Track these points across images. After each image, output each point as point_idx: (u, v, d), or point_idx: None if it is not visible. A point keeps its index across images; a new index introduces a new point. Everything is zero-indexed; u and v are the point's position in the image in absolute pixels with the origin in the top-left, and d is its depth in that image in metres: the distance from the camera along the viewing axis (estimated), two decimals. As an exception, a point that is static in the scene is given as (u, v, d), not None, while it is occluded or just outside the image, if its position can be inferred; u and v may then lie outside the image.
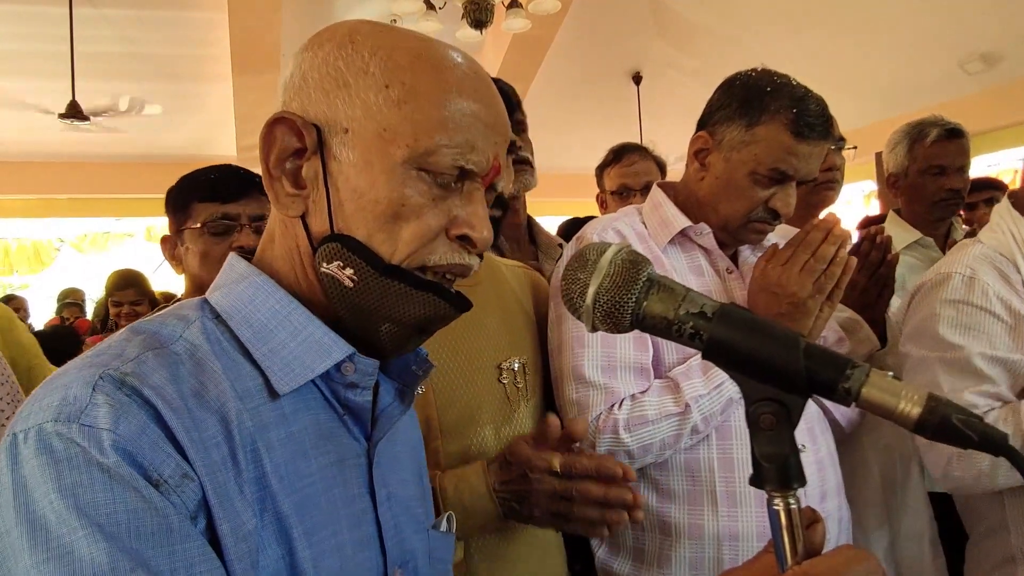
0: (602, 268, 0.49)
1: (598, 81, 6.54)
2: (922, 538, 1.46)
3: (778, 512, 0.43)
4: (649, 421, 1.09)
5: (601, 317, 0.49)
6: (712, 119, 1.21)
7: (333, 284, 0.59)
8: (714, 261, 1.25)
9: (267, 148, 0.60)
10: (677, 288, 0.48)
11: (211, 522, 0.50)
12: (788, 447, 0.44)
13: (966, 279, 1.21)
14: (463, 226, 0.60)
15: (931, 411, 0.40)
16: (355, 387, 0.61)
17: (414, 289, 0.59)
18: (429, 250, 0.59)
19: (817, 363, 0.43)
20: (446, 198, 0.60)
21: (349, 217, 0.59)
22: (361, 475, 0.63)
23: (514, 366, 1.11)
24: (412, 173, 0.58)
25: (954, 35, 5.14)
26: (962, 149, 2.08)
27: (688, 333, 0.47)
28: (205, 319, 0.59)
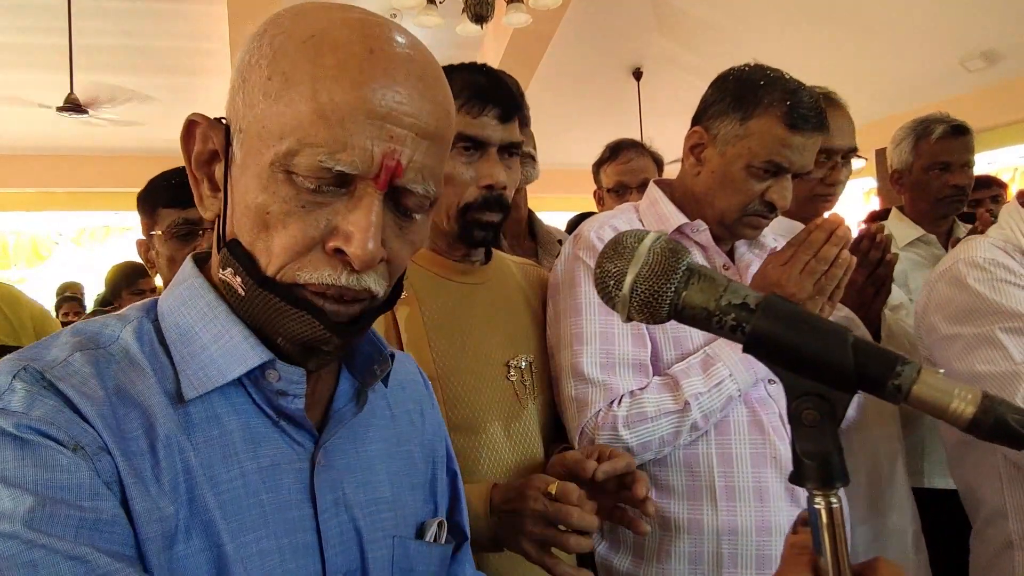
0: (640, 256, 0.46)
1: (599, 76, 6.53)
2: (905, 534, 1.47)
3: (819, 511, 0.42)
4: (648, 418, 1.09)
5: (638, 307, 0.47)
6: (706, 114, 1.22)
7: (229, 291, 0.58)
8: (711, 258, 1.25)
9: (186, 149, 0.60)
10: (718, 278, 0.46)
11: (125, 498, 0.50)
12: (832, 444, 0.42)
13: (989, 260, 1.21)
14: (338, 238, 0.53)
15: (986, 410, 0.39)
16: (284, 394, 0.58)
17: (287, 305, 0.55)
18: (299, 265, 0.54)
19: (866, 359, 0.42)
20: (326, 205, 0.53)
21: (238, 222, 0.56)
22: (301, 481, 0.60)
23: (522, 364, 1.12)
24: (279, 177, 0.52)
25: (955, 33, 5.13)
26: (967, 146, 2.07)
27: (729, 325, 0.45)
28: (145, 320, 0.59)
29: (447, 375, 1.03)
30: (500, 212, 1.08)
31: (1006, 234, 1.27)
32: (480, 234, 1.08)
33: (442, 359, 1.03)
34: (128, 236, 8.49)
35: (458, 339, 1.06)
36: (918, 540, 1.48)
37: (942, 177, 2.06)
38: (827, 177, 1.54)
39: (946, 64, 5.40)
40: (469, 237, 1.08)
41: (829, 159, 1.54)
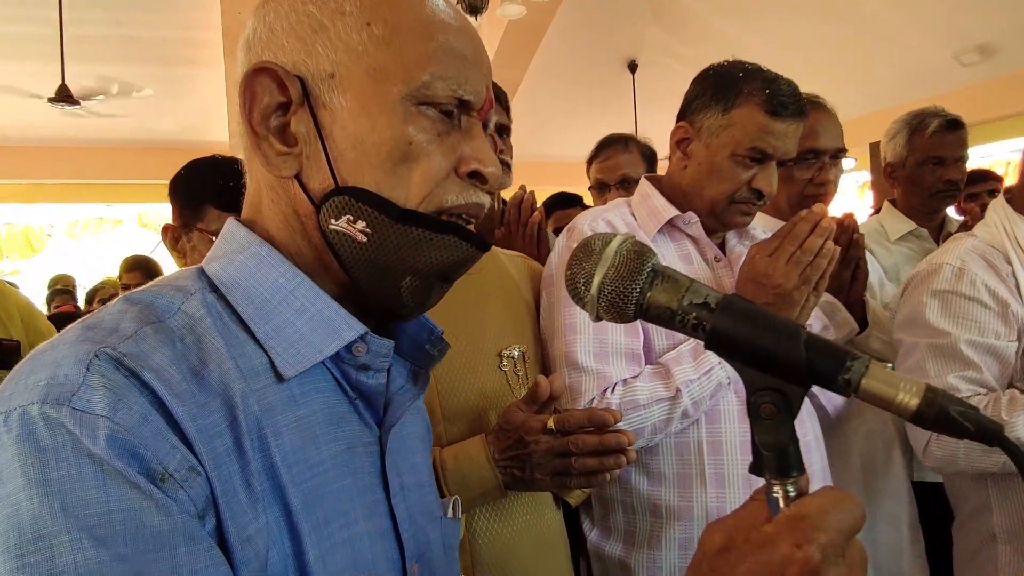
0: (607, 258, 0.49)
1: (593, 69, 6.52)
2: (901, 522, 1.49)
3: (777, 499, 0.43)
4: (640, 405, 1.10)
5: (605, 307, 0.49)
6: (690, 109, 1.25)
7: (344, 242, 0.55)
8: (702, 250, 1.27)
9: (249, 105, 0.55)
10: (681, 279, 0.48)
11: (219, 521, 0.45)
12: (788, 436, 0.44)
13: (956, 270, 1.23)
14: (472, 162, 0.57)
15: (929, 402, 0.41)
16: (367, 369, 0.57)
17: (434, 233, 0.55)
18: (443, 191, 0.56)
19: (818, 354, 0.43)
20: (450, 135, 0.56)
21: (352, 167, 0.54)
22: (373, 463, 0.59)
23: (514, 354, 1.13)
24: (413, 110, 0.54)
25: (950, 26, 5.14)
26: (961, 141, 2.06)
27: (691, 323, 0.47)
28: (205, 291, 0.54)
29: (441, 364, 1.02)
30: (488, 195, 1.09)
31: (991, 233, 1.29)
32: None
33: None
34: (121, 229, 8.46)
35: (451, 328, 1.06)
36: (914, 529, 1.50)
37: (936, 172, 2.05)
38: (815, 177, 1.56)
39: (940, 58, 5.41)
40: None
41: (817, 159, 1.56)
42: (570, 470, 0.92)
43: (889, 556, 1.48)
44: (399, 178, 0.54)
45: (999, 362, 1.17)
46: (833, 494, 0.41)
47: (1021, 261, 1.22)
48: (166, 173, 1.45)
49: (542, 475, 0.94)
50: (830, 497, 0.41)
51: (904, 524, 1.49)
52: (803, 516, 0.40)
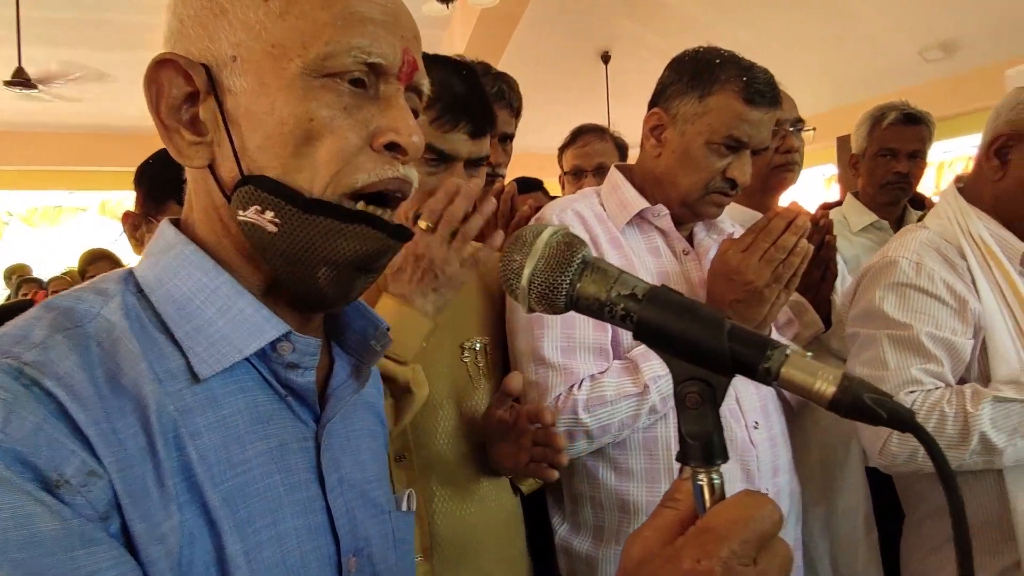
0: (537, 250, 0.49)
1: (567, 59, 6.51)
2: (857, 514, 1.52)
3: (702, 487, 0.45)
4: (608, 401, 1.10)
5: (536, 298, 0.49)
6: (664, 95, 1.23)
7: (255, 232, 0.53)
8: (671, 242, 1.27)
9: (155, 98, 0.54)
10: (610, 270, 0.49)
11: (124, 522, 0.45)
12: (712, 425, 0.45)
13: (914, 264, 1.24)
14: (387, 133, 0.54)
15: (844, 390, 0.42)
16: (295, 367, 0.56)
17: (343, 223, 0.53)
18: (354, 168, 0.53)
19: (740, 344, 0.44)
20: (361, 107, 0.54)
21: (257, 153, 0.52)
22: (308, 459, 0.58)
23: (476, 346, 1.13)
24: (315, 83, 0.52)
25: (914, 23, 5.24)
26: (918, 135, 2.11)
27: (619, 314, 0.47)
28: (127, 293, 0.53)
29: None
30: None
31: (944, 226, 1.30)
32: None
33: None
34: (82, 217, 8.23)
35: None
36: (869, 521, 1.53)
37: (888, 163, 2.10)
38: (781, 146, 1.59)
39: (906, 54, 5.52)
40: None
41: (779, 127, 1.59)
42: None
43: (846, 548, 1.51)
44: (305, 160, 0.52)
45: (954, 358, 1.19)
46: (746, 501, 0.42)
47: (975, 255, 1.24)
48: (131, 160, 1.41)
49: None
50: (741, 506, 0.42)
51: (860, 516, 1.52)
52: (709, 529, 0.41)
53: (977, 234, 1.25)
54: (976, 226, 1.26)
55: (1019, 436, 1.09)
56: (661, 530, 0.44)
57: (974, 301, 1.20)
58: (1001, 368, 1.17)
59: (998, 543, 1.17)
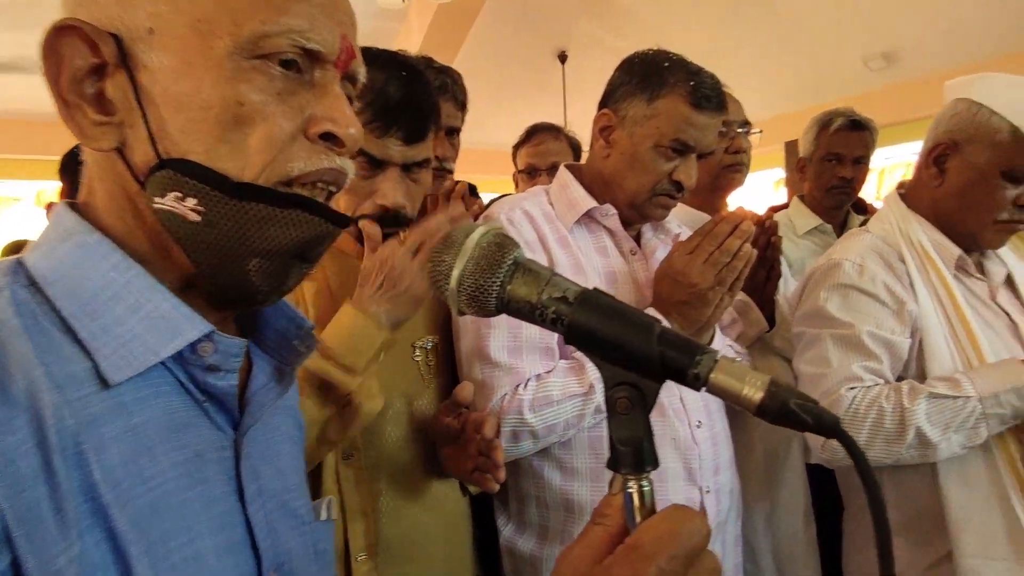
0: (467, 250, 0.47)
1: (524, 58, 6.51)
2: (797, 509, 1.57)
3: (632, 495, 0.44)
4: (554, 401, 1.10)
5: (466, 301, 0.47)
6: (614, 96, 1.24)
7: (174, 222, 0.48)
8: (619, 242, 1.28)
9: (54, 70, 0.48)
10: (542, 272, 0.47)
11: (16, 558, 0.39)
12: (642, 431, 0.44)
13: (856, 266, 1.28)
14: (323, 122, 0.50)
15: (772, 396, 0.42)
16: (216, 370, 0.51)
17: (278, 208, 0.49)
18: (288, 157, 0.49)
19: (670, 348, 0.44)
20: (295, 93, 0.50)
21: (177, 135, 0.47)
22: (226, 470, 0.53)
23: (427, 345, 1.12)
24: (245, 65, 0.47)
25: (858, 33, 5.42)
26: (862, 141, 2.18)
27: (550, 318, 0.46)
28: (16, 287, 0.47)
29: None
30: (397, 225, 1.05)
31: (886, 231, 1.34)
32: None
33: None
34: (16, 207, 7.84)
35: None
36: (808, 515, 1.58)
37: (833, 168, 2.17)
38: (730, 147, 1.62)
39: (850, 63, 5.70)
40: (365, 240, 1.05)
41: (727, 129, 1.62)
42: None
43: (787, 541, 1.55)
44: (233, 146, 0.48)
45: (893, 356, 1.23)
46: (674, 515, 0.41)
47: (914, 259, 1.28)
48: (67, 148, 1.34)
49: None
50: (669, 521, 0.41)
51: (800, 511, 1.57)
52: (637, 546, 0.40)
53: (916, 239, 1.29)
54: (916, 231, 1.30)
55: (952, 431, 1.12)
56: (591, 548, 0.43)
57: (912, 303, 1.24)
58: (936, 367, 1.21)
59: (931, 535, 1.21)
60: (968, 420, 1.12)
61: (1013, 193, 1.23)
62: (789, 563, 1.54)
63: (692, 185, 1.22)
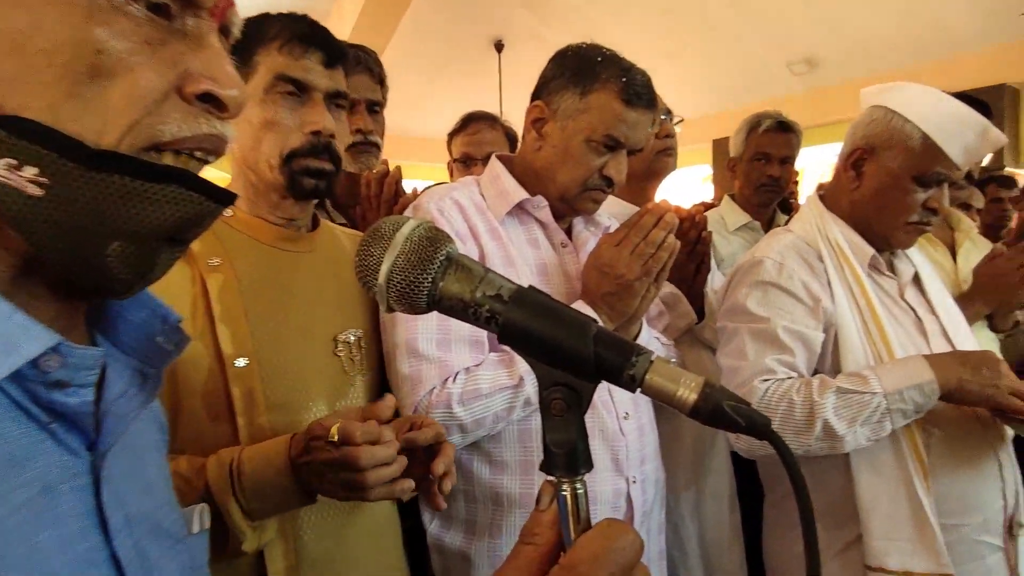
0: (397, 244, 0.45)
1: (459, 46, 6.44)
2: (723, 496, 1.62)
3: (566, 497, 0.43)
4: (483, 395, 1.08)
5: (396, 297, 0.45)
6: (547, 89, 1.24)
7: (7, 196, 0.38)
8: (550, 234, 1.28)
9: None
10: (476, 269, 0.46)
11: None
12: (577, 433, 0.44)
13: (776, 264, 1.32)
14: (202, 80, 0.42)
15: (705, 397, 0.42)
16: (64, 386, 0.41)
17: (147, 182, 0.40)
18: (158, 118, 0.41)
19: (605, 349, 0.43)
20: (166, 43, 0.41)
21: (7, 88, 0.37)
22: (84, 501, 0.43)
23: (350, 338, 1.06)
24: (103, 3, 0.39)
25: (783, 39, 5.65)
26: (788, 142, 2.30)
27: (484, 316, 0.45)
28: None
29: (266, 349, 0.95)
30: (330, 161, 1.01)
31: (806, 230, 1.40)
32: (311, 182, 0.99)
33: (261, 332, 0.95)
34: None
35: (280, 310, 0.98)
36: (733, 502, 1.63)
37: (762, 167, 2.29)
38: (660, 132, 1.66)
39: (775, 66, 5.93)
40: (298, 187, 0.99)
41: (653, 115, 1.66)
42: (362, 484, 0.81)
43: (713, 527, 1.60)
44: (88, 103, 0.38)
45: (808, 350, 1.29)
46: (607, 532, 0.41)
47: (831, 258, 1.34)
48: None
49: (331, 487, 0.83)
50: (603, 538, 0.40)
51: (725, 498, 1.62)
52: (572, 567, 0.40)
53: (834, 239, 1.35)
54: (833, 231, 1.36)
55: (858, 425, 1.18)
56: (522, 570, 0.42)
57: (827, 300, 1.30)
58: (849, 361, 1.27)
59: (844, 519, 1.27)
60: (873, 415, 1.17)
61: (923, 196, 1.30)
62: (714, 548, 1.59)
63: (622, 181, 1.23)
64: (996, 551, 1.27)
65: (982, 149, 1.27)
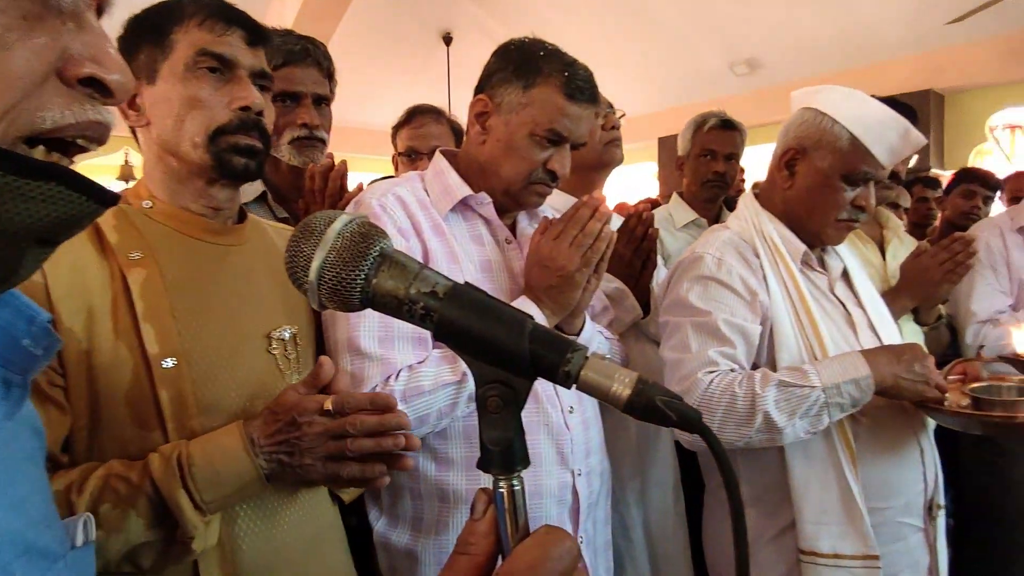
0: (328, 240, 0.44)
1: (407, 37, 6.37)
2: (667, 485, 1.66)
3: (503, 495, 0.44)
4: (426, 391, 1.08)
5: (328, 294, 0.44)
6: (490, 82, 1.24)
7: None
8: (494, 231, 1.28)
9: None
10: (411, 265, 0.45)
11: None
12: (513, 430, 0.44)
13: (716, 259, 1.36)
14: (85, 63, 0.39)
15: (639, 393, 0.43)
16: None
17: (26, 179, 0.37)
18: (36, 104, 0.38)
19: (541, 347, 0.44)
20: (43, 19, 0.38)
21: None
22: None
23: (285, 335, 1.01)
24: None
25: (725, 40, 5.79)
26: (732, 140, 2.39)
27: (419, 313, 0.44)
28: None
29: (194, 349, 0.90)
30: (260, 139, 0.97)
31: (742, 226, 1.44)
32: (240, 161, 0.94)
33: (188, 330, 0.90)
34: None
35: (208, 307, 0.94)
36: (677, 491, 1.68)
37: (708, 164, 2.37)
38: (606, 123, 1.69)
39: (718, 67, 6.08)
40: (227, 167, 0.94)
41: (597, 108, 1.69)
42: (344, 453, 0.86)
43: (658, 516, 1.64)
44: None
45: (747, 343, 1.33)
46: (544, 540, 0.41)
47: (766, 254, 1.38)
48: None
49: (312, 460, 0.85)
50: (539, 547, 0.41)
51: (670, 487, 1.66)
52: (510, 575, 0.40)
53: (768, 235, 1.40)
54: (768, 228, 1.41)
55: (797, 418, 1.22)
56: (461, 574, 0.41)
57: (763, 294, 1.34)
58: (784, 353, 1.31)
59: (778, 505, 1.32)
60: (812, 408, 1.22)
61: (851, 195, 1.35)
62: (659, 535, 1.63)
63: (566, 175, 1.24)
64: (917, 531, 1.34)
65: (904, 149, 1.33)
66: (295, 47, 1.51)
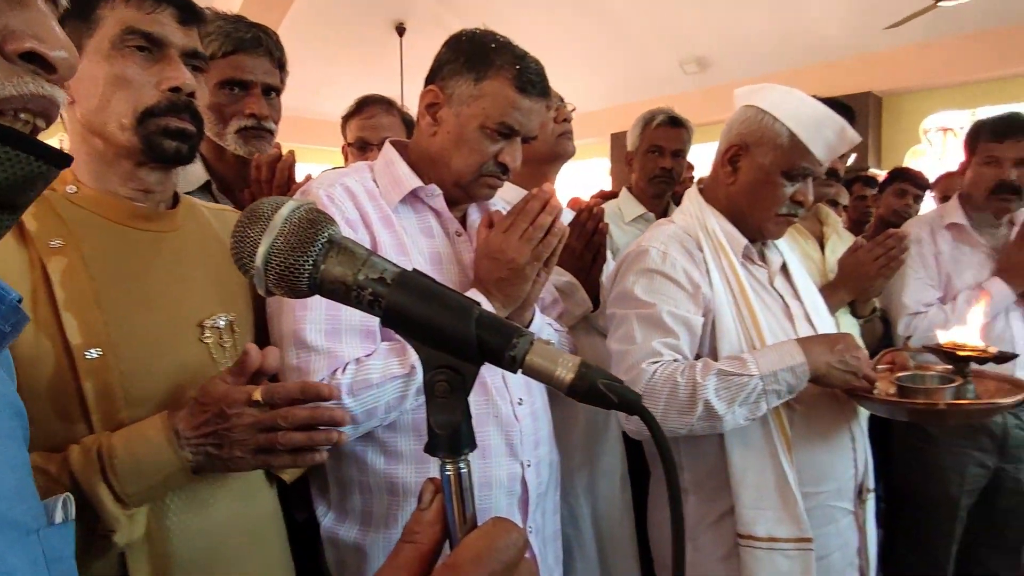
0: (275, 226, 0.44)
1: (359, 26, 6.27)
2: (615, 474, 1.70)
3: (450, 477, 0.44)
4: (373, 385, 1.07)
5: (275, 280, 0.44)
6: (441, 73, 1.23)
7: None
8: (444, 223, 1.27)
9: None
10: (359, 251, 0.46)
11: None
12: (460, 414, 0.45)
13: (660, 253, 1.39)
14: (25, 38, 0.40)
15: (581, 376, 0.44)
16: None
17: None
18: None
19: (487, 332, 0.44)
20: None
21: None
22: None
23: (219, 323, 0.99)
24: None
25: (675, 39, 5.90)
26: (680, 137, 2.45)
27: (367, 299, 0.45)
28: None
29: (122, 339, 0.87)
30: (192, 122, 0.94)
31: (686, 220, 1.48)
32: (171, 144, 0.92)
33: (116, 320, 0.87)
34: None
35: (137, 296, 0.91)
36: (624, 480, 1.71)
37: (655, 159, 2.43)
38: (557, 116, 1.70)
39: (668, 65, 6.18)
40: (157, 150, 0.91)
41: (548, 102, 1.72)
42: (275, 446, 0.84)
43: (606, 505, 1.68)
44: None
45: (691, 334, 1.36)
46: (491, 531, 0.42)
47: (709, 248, 1.42)
48: None
49: (242, 452, 0.84)
50: (486, 538, 0.41)
51: (617, 476, 1.70)
52: (455, 567, 0.40)
53: (712, 229, 1.44)
54: (711, 222, 1.45)
55: (737, 405, 1.27)
56: (402, 569, 0.42)
57: (706, 287, 1.38)
58: (725, 344, 1.35)
59: (718, 492, 1.36)
60: (751, 395, 1.26)
61: (791, 190, 1.40)
62: (607, 523, 1.66)
63: (517, 168, 1.25)
64: (847, 514, 1.40)
65: (840, 146, 1.39)
66: (246, 35, 1.47)
